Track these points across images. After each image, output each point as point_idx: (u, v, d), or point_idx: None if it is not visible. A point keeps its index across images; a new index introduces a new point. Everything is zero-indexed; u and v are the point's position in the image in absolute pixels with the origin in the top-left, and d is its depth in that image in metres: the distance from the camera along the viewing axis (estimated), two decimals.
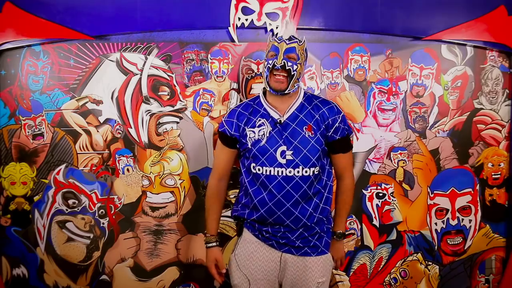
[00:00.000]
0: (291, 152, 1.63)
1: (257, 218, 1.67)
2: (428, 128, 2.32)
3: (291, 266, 1.67)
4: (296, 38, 1.68)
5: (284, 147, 1.63)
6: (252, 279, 1.68)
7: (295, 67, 1.63)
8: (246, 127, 1.69)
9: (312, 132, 1.65)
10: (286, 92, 1.65)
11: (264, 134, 1.66)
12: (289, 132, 1.65)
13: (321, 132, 1.67)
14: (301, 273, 1.66)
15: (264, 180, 1.64)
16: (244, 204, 1.74)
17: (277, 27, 2.20)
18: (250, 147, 1.67)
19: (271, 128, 1.66)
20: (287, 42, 1.65)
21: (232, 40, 2.22)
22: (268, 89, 1.69)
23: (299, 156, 1.63)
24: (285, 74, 1.63)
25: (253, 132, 1.67)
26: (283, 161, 1.62)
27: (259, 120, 1.69)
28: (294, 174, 1.63)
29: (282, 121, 1.66)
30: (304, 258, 1.66)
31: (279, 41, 1.66)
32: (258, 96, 1.77)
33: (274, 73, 1.63)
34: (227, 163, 1.81)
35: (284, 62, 1.61)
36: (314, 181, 1.66)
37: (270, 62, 1.64)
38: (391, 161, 2.32)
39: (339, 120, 1.69)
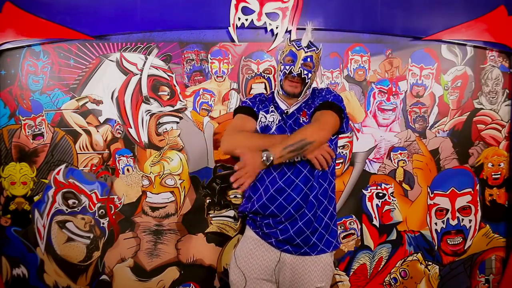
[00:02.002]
0: None
1: (259, 207, 1.66)
2: (428, 128, 2.32)
3: (289, 268, 1.65)
4: (314, 46, 1.70)
5: (288, 134, 1.67)
6: (249, 277, 1.67)
7: (310, 75, 1.68)
8: (261, 110, 1.76)
9: (306, 117, 1.70)
10: (299, 98, 1.74)
11: (273, 121, 1.71)
12: (292, 120, 1.71)
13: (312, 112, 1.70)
14: (299, 276, 1.64)
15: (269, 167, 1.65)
16: (248, 196, 1.74)
17: (277, 27, 2.20)
18: (259, 131, 1.72)
19: (280, 118, 1.72)
20: (306, 50, 1.67)
21: (232, 40, 2.22)
22: (280, 91, 1.75)
23: None
24: (300, 81, 1.69)
25: (265, 117, 1.74)
26: None
27: (272, 107, 1.76)
28: (294, 159, 1.65)
29: (289, 112, 1.73)
30: (304, 260, 1.65)
31: (298, 48, 1.68)
32: (272, 92, 1.85)
33: (289, 79, 1.69)
34: (248, 127, 1.72)
35: (300, 71, 1.66)
36: (314, 168, 1.64)
37: (287, 68, 1.67)
38: (391, 161, 2.32)
39: (325, 92, 1.72)
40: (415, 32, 2.27)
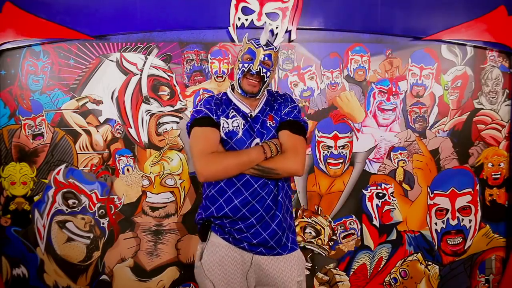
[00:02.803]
0: None
1: (229, 210, 1.60)
2: (428, 128, 2.32)
3: (265, 269, 1.63)
4: (272, 45, 1.70)
5: (257, 139, 1.65)
6: (220, 285, 1.61)
7: (268, 73, 1.67)
8: (221, 115, 1.68)
9: (273, 121, 1.69)
10: (257, 97, 1.71)
11: (238, 126, 1.66)
12: (259, 124, 1.68)
13: (280, 120, 1.69)
14: (277, 275, 1.63)
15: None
16: (211, 201, 1.66)
17: (277, 27, 2.20)
18: (225, 138, 1.65)
19: (244, 121, 1.67)
20: (265, 48, 1.67)
21: (232, 40, 2.22)
22: (238, 90, 1.71)
23: None
24: (258, 79, 1.67)
25: (227, 122, 1.67)
26: None
27: (232, 112, 1.70)
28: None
29: (253, 115, 1.70)
30: (277, 259, 1.63)
31: (257, 46, 1.67)
32: (225, 93, 1.77)
33: (248, 77, 1.67)
34: (215, 142, 1.62)
35: (259, 68, 1.65)
36: None
37: (246, 66, 1.66)
38: (391, 161, 2.32)
39: (290, 106, 1.72)
40: (415, 32, 2.27)
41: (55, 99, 2.24)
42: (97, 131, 2.25)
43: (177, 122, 2.26)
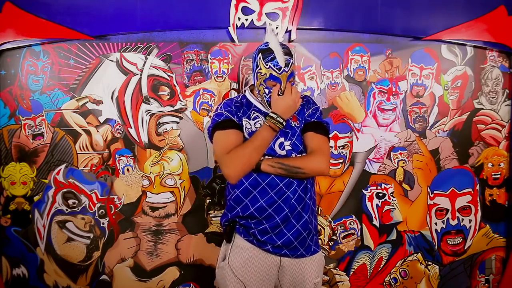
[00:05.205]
0: (289, 142, 1.64)
1: (255, 210, 1.60)
2: (428, 128, 2.32)
3: (288, 270, 1.65)
4: (289, 55, 1.61)
5: (282, 139, 1.64)
6: (250, 286, 1.62)
7: (293, 82, 1.67)
8: (242, 117, 1.67)
9: (298, 122, 1.69)
10: None
11: (261, 126, 1.64)
12: None
13: (304, 121, 1.70)
14: (297, 276, 1.65)
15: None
16: (236, 202, 1.65)
17: (277, 27, 2.20)
18: (247, 138, 1.63)
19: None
20: (286, 70, 1.60)
21: (232, 40, 2.22)
22: (267, 109, 1.67)
23: (293, 146, 1.65)
24: None
25: (249, 123, 1.66)
26: (283, 153, 1.63)
27: (253, 113, 1.69)
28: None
29: None
30: (300, 260, 1.65)
31: (279, 72, 1.60)
32: (244, 96, 1.75)
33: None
34: (236, 143, 1.61)
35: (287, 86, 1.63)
36: None
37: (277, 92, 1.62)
38: (391, 161, 2.32)
39: (312, 108, 1.73)
40: (415, 32, 2.27)
41: (55, 99, 2.24)
42: (97, 131, 2.25)
43: (177, 122, 2.26)
